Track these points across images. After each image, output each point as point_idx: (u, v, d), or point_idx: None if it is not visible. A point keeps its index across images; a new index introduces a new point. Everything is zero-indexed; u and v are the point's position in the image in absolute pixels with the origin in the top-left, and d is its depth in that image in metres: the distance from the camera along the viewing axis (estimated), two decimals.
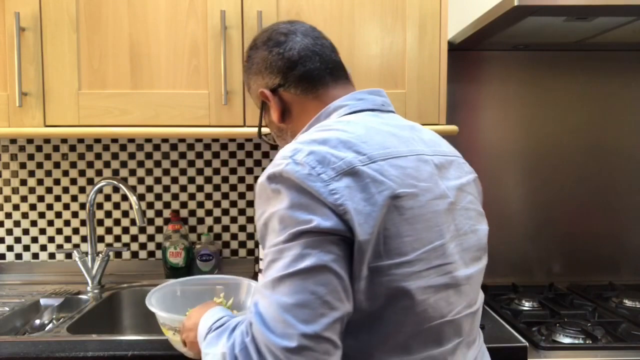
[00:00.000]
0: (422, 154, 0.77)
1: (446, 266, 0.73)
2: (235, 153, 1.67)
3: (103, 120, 1.33)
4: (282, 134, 0.93)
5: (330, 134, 0.73)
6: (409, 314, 0.69)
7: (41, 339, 1.12)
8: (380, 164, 0.71)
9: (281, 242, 0.66)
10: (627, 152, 1.67)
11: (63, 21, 1.31)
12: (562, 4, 1.13)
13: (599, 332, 1.20)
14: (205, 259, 1.62)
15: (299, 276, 0.64)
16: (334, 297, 0.64)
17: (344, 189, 0.67)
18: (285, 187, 0.68)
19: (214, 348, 0.72)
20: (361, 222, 0.66)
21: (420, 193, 0.72)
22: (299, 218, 0.66)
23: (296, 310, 0.62)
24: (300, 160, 0.69)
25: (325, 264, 0.64)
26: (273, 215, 0.69)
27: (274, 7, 1.32)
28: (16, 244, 1.68)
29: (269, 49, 0.89)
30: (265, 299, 0.65)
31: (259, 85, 0.92)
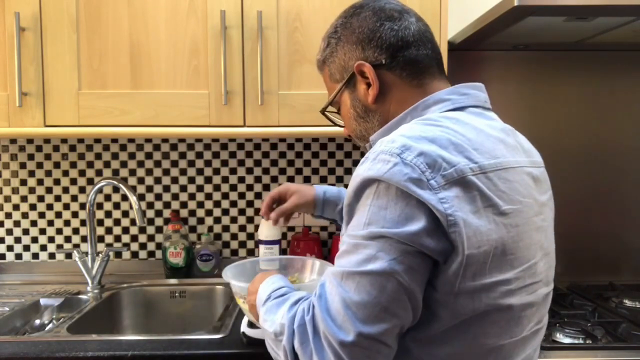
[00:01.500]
0: (524, 166, 0.74)
1: (534, 285, 0.72)
2: (235, 153, 1.67)
3: (103, 120, 1.33)
4: (367, 116, 0.84)
5: (440, 132, 0.68)
6: (495, 329, 0.68)
7: (41, 339, 1.12)
8: (490, 176, 0.67)
9: (360, 237, 0.65)
10: (627, 152, 1.67)
11: (63, 21, 1.31)
12: (562, 4, 1.13)
13: (599, 332, 1.20)
14: (205, 259, 1.62)
15: (368, 277, 0.63)
16: (396, 306, 0.63)
17: (453, 199, 0.64)
18: (384, 187, 0.65)
19: (273, 316, 0.73)
20: (469, 236, 0.64)
21: (524, 210, 0.70)
22: (387, 221, 0.64)
23: (357, 308, 0.63)
24: (410, 162, 0.65)
25: (396, 273, 0.63)
26: (363, 208, 0.67)
27: (274, 7, 1.32)
28: (16, 244, 1.68)
29: (380, 20, 0.80)
30: (332, 287, 0.66)
31: (354, 57, 0.82)
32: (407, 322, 0.65)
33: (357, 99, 0.84)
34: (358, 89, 0.83)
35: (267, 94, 1.33)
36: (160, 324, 1.52)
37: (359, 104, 0.84)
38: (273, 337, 0.72)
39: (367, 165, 0.68)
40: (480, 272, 0.65)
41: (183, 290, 1.54)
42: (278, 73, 1.33)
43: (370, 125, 0.84)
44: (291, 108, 1.33)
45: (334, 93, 0.87)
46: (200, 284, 1.56)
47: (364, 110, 0.84)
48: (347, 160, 1.69)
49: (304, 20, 1.33)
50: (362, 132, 0.86)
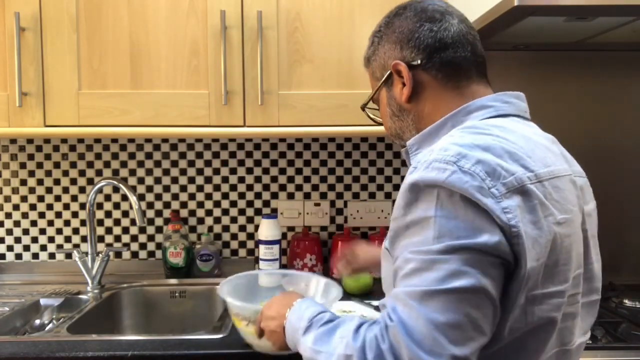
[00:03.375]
0: (570, 174, 0.73)
1: (577, 296, 0.71)
2: (235, 153, 1.67)
3: (103, 120, 1.33)
4: (401, 115, 0.84)
5: (492, 141, 0.67)
6: (546, 343, 0.67)
7: (41, 339, 1.12)
8: (545, 185, 0.66)
9: (434, 252, 0.61)
10: (627, 152, 1.67)
11: (63, 21, 1.31)
12: (562, 4, 1.13)
13: (599, 332, 1.20)
14: (205, 259, 1.62)
15: (455, 295, 0.59)
16: (485, 322, 0.61)
17: (515, 208, 0.62)
18: (447, 196, 0.62)
19: (328, 346, 0.68)
20: (530, 247, 0.62)
21: (574, 219, 0.69)
22: (461, 231, 0.61)
23: (448, 330, 0.59)
24: (468, 169, 0.62)
25: (484, 287, 0.60)
26: (426, 220, 0.63)
27: (274, 7, 1.32)
28: (16, 244, 1.68)
29: (421, 21, 0.80)
30: (411, 310, 0.61)
31: (393, 56, 0.82)
32: (489, 338, 0.63)
33: (393, 98, 0.84)
34: (394, 87, 0.83)
35: (267, 94, 1.33)
36: (160, 324, 1.52)
37: (394, 102, 0.84)
38: None
39: (419, 173, 0.65)
40: (537, 285, 0.64)
41: (183, 290, 1.54)
42: (278, 73, 1.33)
43: (405, 124, 0.84)
44: (291, 108, 1.33)
45: (374, 91, 0.88)
46: (200, 284, 1.56)
47: (399, 109, 0.84)
48: (347, 160, 1.69)
49: (304, 20, 1.33)
50: (397, 131, 0.87)
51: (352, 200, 1.69)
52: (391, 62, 0.82)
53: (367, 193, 1.70)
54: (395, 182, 1.69)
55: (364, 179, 1.69)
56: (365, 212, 1.68)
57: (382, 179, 1.70)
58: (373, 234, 1.66)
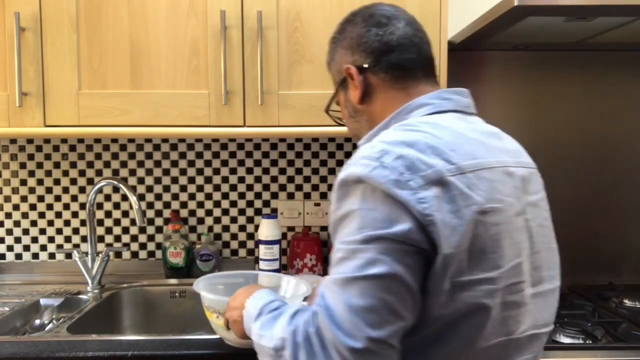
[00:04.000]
0: (508, 166, 0.76)
1: (520, 284, 0.72)
2: (235, 153, 1.67)
3: (103, 120, 1.33)
4: (356, 116, 0.90)
5: (418, 136, 0.71)
6: (481, 330, 0.69)
7: (41, 339, 1.12)
8: (469, 176, 0.69)
9: (356, 241, 0.66)
10: (627, 152, 1.67)
11: (63, 21, 1.31)
12: (562, 4, 1.13)
13: (599, 332, 1.20)
14: (205, 259, 1.62)
15: (371, 281, 0.64)
16: (402, 307, 0.64)
17: (432, 199, 0.66)
18: (370, 190, 0.67)
19: (270, 331, 0.73)
20: (447, 235, 0.65)
21: (506, 209, 0.71)
22: (379, 222, 0.65)
23: (365, 314, 0.63)
24: (388, 164, 0.67)
25: (397, 274, 0.64)
26: (352, 213, 0.68)
27: (274, 7, 1.32)
28: (16, 244, 1.68)
29: (368, 27, 0.86)
30: (335, 295, 0.66)
31: (346, 61, 0.88)
32: (410, 322, 0.66)
33: (349, 100, 0.90)
34: (350, 90, 0.89)
35: (267, 94, 1.33)
36: (160, 324, 1.52)
37: (350, 104, 0.90)
38: (273, 352, 0.71)
39: (349, 169, 0.71)
40: (462, 271, 0.67)
41: (183, 290, 1.54)
42: (278, 73, 1.33)
43: (361, 125, 0.90)
44: (291, 108, 1.33)
45: (333, 94, 0.94)
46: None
47: (354, 110, 0.90)
48: (347, 160, 1.68)
49: (304, 20, 1.33)
50: (355, 131, 0.92)
51: None
52: (344, 67, 0.88)
53: None
54: None
55: None
56: None
57: None
58: None
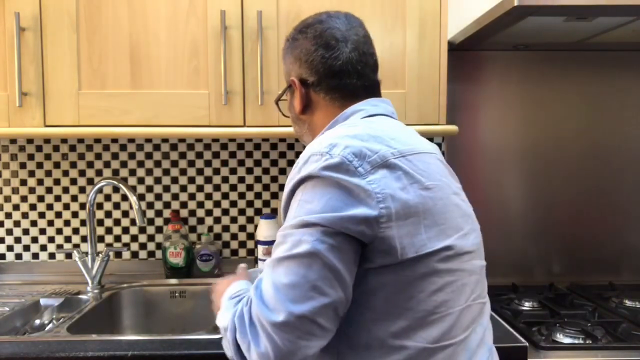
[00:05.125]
0: (435, 154, 0.85)
1: (470, 254, 0.79)
2: (235, 153, 1.67)
3: (103, 120, 1.33)
4: (298, 122, 0.96)
5: (359, 129, 0.78)
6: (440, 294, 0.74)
7: (41, 339, 1.12)
8: (410, 159, 0.76)
9: (288, 227, 0.72)
10: (627, 152, 1.67)
11: (63, 21, 1.31)
12: (562, 4, 1.13)
13: (599, 332, 1.20)
14: (205, 259, 1.62)
15: (294, 260, 0.69)
16: (324, 284, 0.68)
17: (380, 179, 0.72)
18: (319, 183, 0.72)
19: (227, 313, 0.78)
20: (398, 208, 0.71)
21: (443, 187, 0.79)
22: (311, 210, 0.70)
23: (287, 290, 0.68)
24: (337, 154, 0.73)
25: (318, 252, 0.68)
26: (294, 205, 0.74)
27: (274, 7, 1.32)
28: (16, 244, 1.68)
29: (316, 46, 0.89)
30: (266, 277, 0.72)
31: (294, 69, 0.93)
32: (339, 301, 0.69)
33: (292, 106, 0.95)
34: (294, 97, 0.94)
35: (267, 94, 1.33)
36: (160, 324, 1.52)
37: (293, 110, 0.96)
38: (223, 332, 0.78)
39: (299, 168, 0.76)
40: (417, 241, 0.72)
41: (183, 290, 1.54)
42: (278, 73, 1.33)
43: (303, 130, 0.96)
44: None
45: (281, 92, 0.98)
46: (200, 284, 1.56)
47: (296, 117, 0.95)
48: None
49: None
50: (298, 133, 0.99)
51: None
52: (291, 74, 0.93)
53: None
54: None
55: None
56: None
57: None
58: None
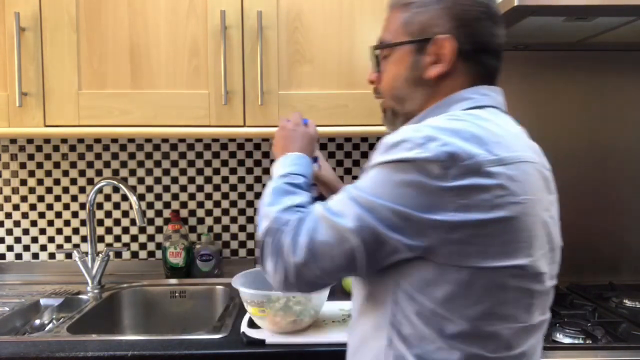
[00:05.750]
0: (537, 163, 0.77)
1: (544, 275, 0.75)
2: (235, 153, 1.67)
3: (103, 120, 1.33)
4: (416, 86, 0.82)
5: (462, 126, 0.71)
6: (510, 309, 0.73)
7: (41, 339, 1.12)
8: (509, 167, 0.70)
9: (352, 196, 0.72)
10: (627, 152, 1.67)
11: (63, 21, 1.31)
12: (562, 4, 1.13)
13: (599, 332, 1.20)
14: (205, 259, 1.62)
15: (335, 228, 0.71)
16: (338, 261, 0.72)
17: (466, 187, 0.68)
18: (402, 172, 0.69)
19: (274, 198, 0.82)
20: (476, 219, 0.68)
21: (536, 203, 0.73)
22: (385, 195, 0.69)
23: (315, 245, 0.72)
24: (431, 149, 0.68)
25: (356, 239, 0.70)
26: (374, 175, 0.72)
27: (274, 7, 1.32)
28: (16, 244, 1.68)
29: (486, 15, 0.80)
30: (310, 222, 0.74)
31: (443, 28, 0.79)
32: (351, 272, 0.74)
33: (418, 65, 0.81)
34: (424, 56, 0.80)
35: (267, 94, 1.33)
36: (160, 324, 1.52)
37: (417, 71, 0.81)
38: (265, 211, 0.80)
39: (387, 147, 0.72)
40: (490, 254, 0.69)
41: (183, 290, 1.54)
42: (278, 73, 1.33)
43: (414, 96, 0.83)
44: (291, 108, 1.33)
45: (397, 42, 0.83)
46: (200, 284, 1.56)
47: (418, 79, 0.81)
48: (347, 160, 1.69)
49: (304, 20, 1.33)
50: (399, 95, 0.84)
51: None
52: (437, 31, 0.79)
53: None
54: None
55: None
56: None
57: None
58: None
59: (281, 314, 1.08)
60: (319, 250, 0.72)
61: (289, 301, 1.08)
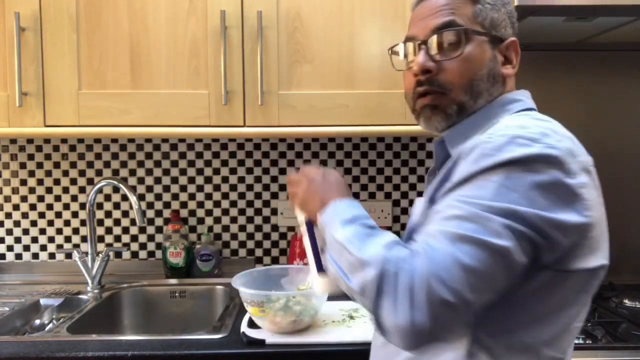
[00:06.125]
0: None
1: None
2: (235, 153, 1.67)
3: (103, 120, 1.32)
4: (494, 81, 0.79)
5: (554, 125, 0.71)
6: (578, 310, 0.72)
7: (41, 339, 1.12)
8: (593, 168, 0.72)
9: (488, 208, 0.63)
10: (627, 152, 1.67)
11: (63, 21, 1.31)
12: (562, 4, 1.13)
13: (599, 332, 1.20)
14: (205, 259, 1.62)
15: (486, 248, 0.62)
16: (501, 281, 0.64)
17: (586, 184, 0.66)
18: (529, 172, 0.64)
19: (362, 244, 0.69)
20: (594, 220, 0.66)
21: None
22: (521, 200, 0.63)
23: (468, 274, 0.61)
24: (552, 144, 0.65)
25: (512, 252, 0.62)
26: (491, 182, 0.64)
27: (274, 7, 1.32)
28: (16, 244, 1.68)
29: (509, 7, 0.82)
30: (442, 245, 0.63)
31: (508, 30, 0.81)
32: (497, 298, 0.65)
33: (497, 60, 0.80)
34: (497, 53, 0.80)
35: (267, 94, 1.33)
36: (160, 324, 1.52)
37: (497, 66, 0.80)
38: (357, 263, 0.67)
39: (498, 147, 0.66)
40: (590, 255, 0.68)
41: (183, 290, 1.54)
42: (278, 73, 1.33)
43: (490, 92, 0.79)
44: (291, 108, 1.33)
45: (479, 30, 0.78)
46: (200, 284, 1.56)
47: (497, 74, 0.80)
48: (347, 160, 1.69)
49: (304, 20, 1.33)
50: (478, 89, 0.78)
51: None
52: (505, 32, 0.80)
53: (367, 193, 1.70)
54: (395, 182, 1.69)
55: (364, 179, 1.69)
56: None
57: (382, 179, 1.69)
58: None
59: (281, 314, 1.08)
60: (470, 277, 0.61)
61: (289, 301, 1.08)
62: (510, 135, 0.66)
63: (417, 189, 1.69)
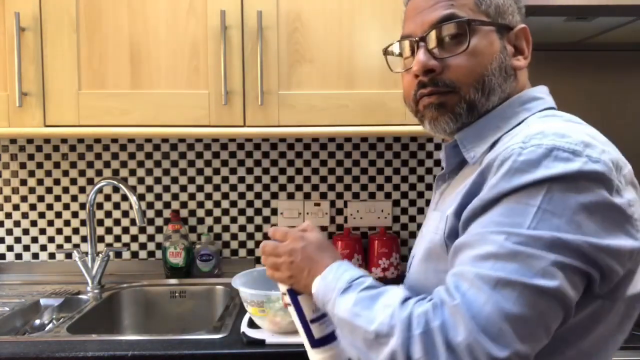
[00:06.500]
0: None
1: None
2: (235, 153, 1.67)
3: (103, 120, 1.32)
4: (504, 76, 0.72)
5: (590, 129, 0.63)
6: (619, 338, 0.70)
7: (41, 339, 1.12)
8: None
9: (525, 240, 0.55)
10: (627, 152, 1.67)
11: (63, 21, 1.31)
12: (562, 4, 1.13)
13: None
14: (205, 259, 1.62)
15: (533, 291, 0.54)
16: (554, 325, 0.57)
17: (633, 201, 0.58)
18: (574, 192, 0.55)
19: (369, 312, 0.61)
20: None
21: None
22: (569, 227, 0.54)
23: (517, 323, 0.53)
24: (596, 158, 0.57)
25: (565, 292, 0.55)
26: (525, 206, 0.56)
27: (274, 7, 1.32)
28: (16, 244, 1.68)
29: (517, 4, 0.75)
30: (480, 293, 0.55)
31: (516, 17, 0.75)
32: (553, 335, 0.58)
33: (506, 52, 0.72)
34: (508, 45, 0.73)
35: (267, 94, 1.33)
36: (160, 324, 1.52)
37: (508, 58, 0.73)
38: (372, 336, 0.59)
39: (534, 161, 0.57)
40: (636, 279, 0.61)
41: (183, 290, 1.54)
42: (278, 73, 1.33)
43: (502, 88, 0.72)
44: (291, 108, 1.33)
45: (484, 20, 0.71)
46: (200, 284, 1.56)
47: (509, 68, 0.72)
48: (347, 160, 1.69)
49: (304, 20, 1.33)
50: (489, 86, 0.70)
51: (352, 200, 1.69)
52: (512, 20, 0.73)
53: (367, 193, 1.70)
54: (395, 182, 1.69)
55: (364, 179, 1.69)
56: (365, 212, 1.68)
57: (382, 179, 1.70)
58: (373, 234, 1.66)
59: (281, 314, 1.08)
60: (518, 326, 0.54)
61: None
62: (546, 147, 0.57)
63: (417, 189, 1.69)
